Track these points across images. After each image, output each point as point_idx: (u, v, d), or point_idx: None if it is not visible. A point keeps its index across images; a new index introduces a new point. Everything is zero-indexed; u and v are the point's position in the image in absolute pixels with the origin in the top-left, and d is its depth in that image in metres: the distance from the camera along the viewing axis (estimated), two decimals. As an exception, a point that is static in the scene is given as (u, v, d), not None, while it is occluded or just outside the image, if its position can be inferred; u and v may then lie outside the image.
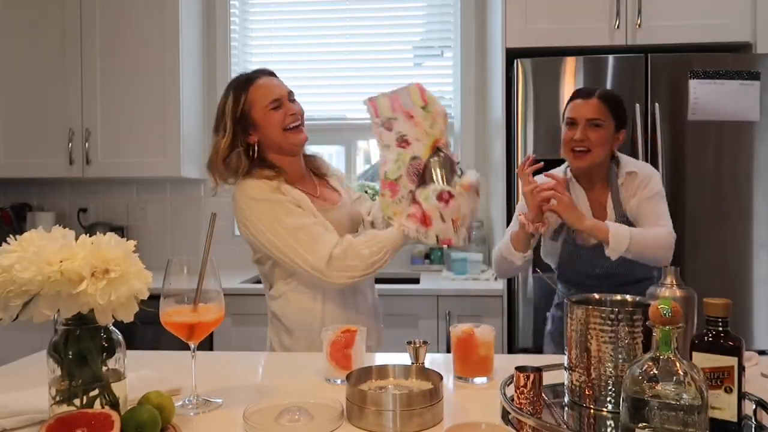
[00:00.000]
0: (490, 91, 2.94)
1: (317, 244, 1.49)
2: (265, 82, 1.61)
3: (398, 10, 3.35)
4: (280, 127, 1.58)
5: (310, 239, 1.50)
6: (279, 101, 1.59)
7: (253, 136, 1.60)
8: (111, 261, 0.88)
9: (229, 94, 1.62)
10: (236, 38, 3.36)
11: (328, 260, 1.48)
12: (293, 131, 1.60)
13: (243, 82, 1.61)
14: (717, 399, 0.92)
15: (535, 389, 1.01)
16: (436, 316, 2.57)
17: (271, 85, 1.61)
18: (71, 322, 0.91)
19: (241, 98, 1.59)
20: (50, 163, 2.97)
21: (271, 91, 1.59)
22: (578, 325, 1.05)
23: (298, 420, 0.99)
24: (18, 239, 0.89)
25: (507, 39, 2.52)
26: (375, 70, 3.36)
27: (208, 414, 1.08)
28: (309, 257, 1.48)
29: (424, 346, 1.28)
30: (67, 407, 0.90)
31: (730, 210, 2.33)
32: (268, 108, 1.58)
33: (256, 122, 1.59)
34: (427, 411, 1.00)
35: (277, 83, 1.63)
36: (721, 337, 0.94)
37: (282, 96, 1.60)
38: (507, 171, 2.53)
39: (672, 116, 2.35)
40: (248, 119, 1.59)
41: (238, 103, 1.58)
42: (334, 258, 1.48)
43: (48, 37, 2.95)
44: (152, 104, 2.93)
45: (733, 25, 2.45)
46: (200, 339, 1.12)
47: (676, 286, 1.06)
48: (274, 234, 1.51)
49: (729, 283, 2.36)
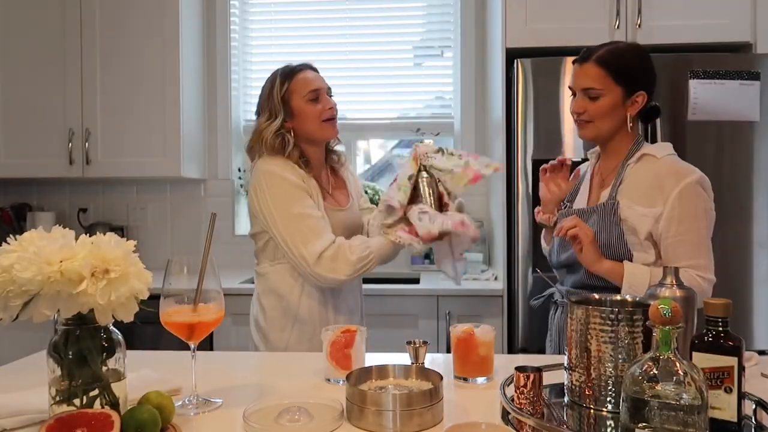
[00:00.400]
0: (490, 91, 2.94)
1: (315, 239, 1.57)
2: (307, 75, 1.71)
3: (398, 10, 3.36)
4: (318, 119, 1.68)
5: (311, 231, 1.57)
6: (317, 92, 1.69)
7: (288, 123, 1.69)
8: (111, 261, 0.88)
9: (274, 81, 1.71)
10: (236, 38, 3.36)
11: (319, 257, 1.55)
12: (328, 123, 1.70)
13: (288, 72, 1.71)
14: (717, 399, 0.92)
15: (535, 389, 1.01)
16: (436, 316, 2.57)
17: (312, 77, 1.71)
18: (71, 322, 0.91)
19: (284, 86, 1.69)
20: (50, 163, 2.97)
21: (312, 82, 1.70)
22: (578, 325, 1.05)
23: (298, 420, 0.99)
24: (18, 239, 0.89)
25: (507, 39, 2.51)
26: (375, 70, 3.36)
27: (208, 414, 1.08)
28: (303, 248, 1.56)
29: (424, 346, 1.28)
30: (67, 407, 0.90)
31: (730, 210, 2.33)
32: (306, 98, 1.68)
33: (294, 111, 1.68)
34: (427, 411, 1.00)
35: (318, 77, 1.73)
36: (721, 337, 0.94)
37: (321, 89, 1.70)
38: (507, 171, 2.53)
39: (672, 116, 2.35)
40: (288, 107, 1.69)
41: (281, 90, 1.69)
42: (324, 257, 1.56)
43: (48, 37, 2.95)
44: (152, 104, 2.93)
45: (733, 25, 2.45)
46: (200, 339, 1.12)
47: (676, 286, 1.06)
48: (279, 213, 1.59)
49: (729, 283, 2.35)
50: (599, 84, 1.48)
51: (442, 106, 3.36)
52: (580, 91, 1.51)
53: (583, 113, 1.51)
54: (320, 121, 1.69)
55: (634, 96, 1.50)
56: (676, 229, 1.42)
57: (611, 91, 1.48)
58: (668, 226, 1.43)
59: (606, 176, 1.59)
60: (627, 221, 1.46)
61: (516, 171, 2.43)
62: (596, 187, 1.61)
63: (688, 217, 1.43)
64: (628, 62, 1.50)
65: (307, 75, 1.71)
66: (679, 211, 1.42)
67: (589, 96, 1.49)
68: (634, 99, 1.50)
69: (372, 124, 3.36)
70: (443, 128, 3.26)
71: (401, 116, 3.36)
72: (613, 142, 1.56)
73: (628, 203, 1.47)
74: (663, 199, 1.44)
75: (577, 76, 1.52)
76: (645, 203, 1.45)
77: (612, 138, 1.55)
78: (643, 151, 1.52)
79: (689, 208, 1.43)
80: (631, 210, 1.46)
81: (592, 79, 1.48)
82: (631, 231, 1.46)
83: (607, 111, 1.49)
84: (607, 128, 1.52)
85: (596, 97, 1.49)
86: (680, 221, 1.42)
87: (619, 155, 1.55)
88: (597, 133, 1.53)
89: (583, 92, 1.50)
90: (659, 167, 1.48)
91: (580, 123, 1.54)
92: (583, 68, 1.50)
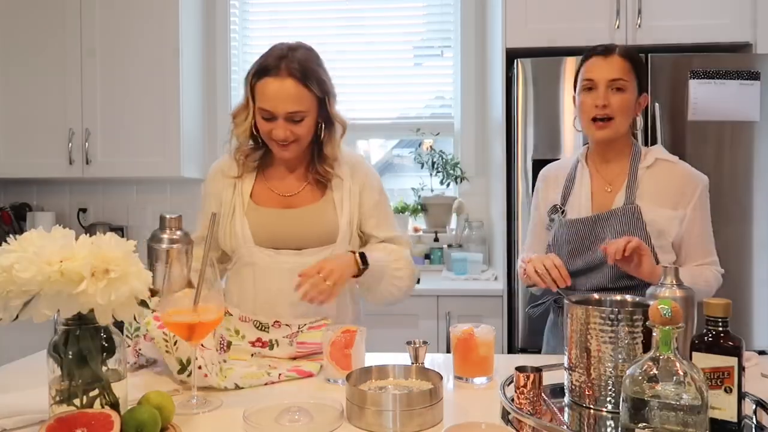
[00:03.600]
0: (490, 91, 2.94)
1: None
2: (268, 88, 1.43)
3: (398, 10, 3.36)
4: (267, 135, 1.48)
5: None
6: (271, 114, 1.44)
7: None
8: (111, 261, 0.88)
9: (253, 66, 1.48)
10: (236, 38, 3.36)
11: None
12: (275, 144, 1.48)
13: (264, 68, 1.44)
14: (717, 399, 0.92)
15: (535, 389, 1.01)
16: (436, 316, 2.57)
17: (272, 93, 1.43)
18: (71, 322, 0.91)
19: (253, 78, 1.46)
20: (50, 163, 2.97)
21: (268, 100, 1.43)
22: (578, 325, 1.05)
23: (298, 420, 0.99)
24: (18, 239, 0.89)
25: (507, 39, 2.52)
26: (375, 70, 3.36)
27: (208, 414, 1.08)
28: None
29: (424, 346, 1.28)
30: (67, 407, 0.90)
31: (730, 210, 2.33)
32: (258, 110, 1.46)
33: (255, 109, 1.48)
34: (427, 411, 1.00)
35: (280, 95, 1.42)
36: (721, 337, 0.94)
37: (278, 114, 1.43)
38: (507, 171, 2.53)
39: (672, 116, 2.35)
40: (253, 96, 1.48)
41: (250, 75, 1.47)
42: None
43: (48, 37, 2.94)
44: (152, 104, 2.93)
45: (733, 25, 2.45)
46: (200, 339, 1.12)
47: (676, 286, 1.06)
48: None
49: (729, 283, 2.34)
50: (626, 76, 1.47)
51: (442, 106, 3.36)
52: (605, 83, 1.46)
53: (607, 107, 1.46)
54: (269, 138, 1.48)
55: (640, 97, 1.52)
56: (698, 230, 1.50)
57: (632, 86, 1.48)
58: (691, 228, 1.50)
59: (612, 180, 1.56)
60: (653, 224, 1.47)
61: (516, 171, 2.43)
62: (601, 191, 1.57)
63: (705, 217, 1.52)
64: (641, 60, 1.52)
65: (268, 88, 1.43)
66: (700, 212, 1.51)
67: (616, 87, 1.46)
68: (640, 100, 1.52)
69: (372, 124, 3.36)
70: (443, 128, 3.26)
71: (401, 116, 3.36)
72: (618, 144, 1.54)
73: (651, 207, 1.48)
74: (686, 202, 1.50)
75: (602, 68, 1.48)
76: (670, 206, 1.49)
77: (618, 140, 1.53)
78: (655, 155, 1.54)
79: (706, 209, 1.53)
80: (655, 213, 1.48)
81: (621, 70, 1.46)
82: (657, 234, 1.48)
83: (629, 106, 1.48)
84: (624, 127, 1.50)
85: (622, 89, 1.46)
86: (701, 222, 1.51)
87: (622, 158, 1.55)
88: (616, 133, 1.49)
89: (609, 84, 1.46)
90: (681, 172, 1.53)
91: (600, 121, 1.48)
92: (609, 60, 1.48)
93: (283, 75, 1.42)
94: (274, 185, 1.58)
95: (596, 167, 1.60)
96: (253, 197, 1.56)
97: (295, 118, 1.44)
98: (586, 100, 1.50)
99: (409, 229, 3.26)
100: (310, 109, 1.47)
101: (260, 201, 1.56)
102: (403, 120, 3.34)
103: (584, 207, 1.57)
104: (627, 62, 1.48)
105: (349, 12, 3.35)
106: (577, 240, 1.53)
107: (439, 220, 3.19)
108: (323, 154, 1.55)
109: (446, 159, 3.16)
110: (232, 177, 1.57)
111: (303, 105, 1.44)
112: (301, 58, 1.45)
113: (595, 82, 1.48)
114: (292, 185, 1.57)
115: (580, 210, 1.57)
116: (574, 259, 1.54)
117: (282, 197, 1.56)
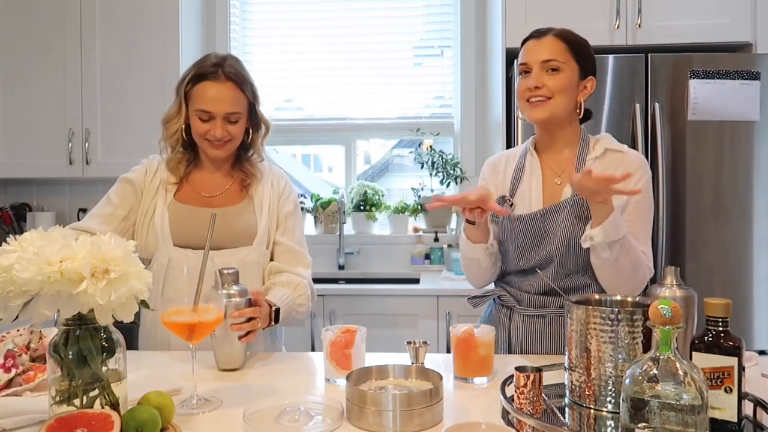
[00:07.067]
0: (490, 91, 2.94)
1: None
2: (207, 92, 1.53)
3: (398, 10, 3.36)
4: (202, 136, 1.57)
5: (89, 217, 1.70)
6: (209, 115, 1.54)
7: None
8: (111, 261, 0.88)
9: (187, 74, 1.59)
10: (236, 38, 3.36)
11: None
12: (210, 143, 1.57)
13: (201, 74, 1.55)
14: (717, 399, 0.92)
15: (535, 389, 1.01)
16: (436, 316, 2.57)
17: (212, 96, 1.53)
18: (71, 322, 0.91)
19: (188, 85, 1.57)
20: (50, 163, 2.97)
21: (207, 102, 1.53)
22: (578, 325, 1.05)
23: (298, 420, 1.00)
24: (18, 239, 0.89)
25: (507, 39, 2.52)
26: (375, 70, 3.36)
27: (208, 414, 1.08)
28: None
29: (424, 346, 1.28)
30: (67, 407, 0.90)
31: (730, 210, 2.33)
32: (196, 114, 1.55)
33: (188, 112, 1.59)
34: (427, 411, 1.00)
35: (220, 98, 1.53)
36: (721, 337, 0.94)
37: (217, 114, 1.53)
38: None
39: (672, 116, 2.35)
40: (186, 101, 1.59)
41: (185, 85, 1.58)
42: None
43: (48, 37, 2.95)
44: (152, 104, 2.92)
45: (733, 25, 2.45)
46: (200, 339, 1.12)
47: (676, 286, 1.06)
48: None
49: (729, 283, 2.36)
50: (561, 56, 1.45)
51: (442, 106, 3.36)
52: (538, 65, 1.45)
53: (541, 88, 1.44)
54: (203, 138, 1.57)
55: (585, 80, 1.49)
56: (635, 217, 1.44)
57: (570, 67, 1.45)
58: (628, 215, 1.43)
59: (561, 171, 1.51)
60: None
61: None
62: (551, 183, 1.52)
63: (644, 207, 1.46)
64: (583, 42, 1.49)
65: (208, 91, 1.53)
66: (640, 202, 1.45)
67: (550, 68, 1.45)
68: (585, 83, 1.49)
69: (372, 124, 3.36)
70: (443, 128, 3.26)
71: (401, 116, 3.36)
72: (563, 131, 1.51)
73: None
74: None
75: (534, 50, 1.47)
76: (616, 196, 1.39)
77: (562, 126, 1.50)
78: (605, 145, 1.50)
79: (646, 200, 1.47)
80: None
81: (554, 51, 1.45)
82: None
83: (566, 86, 1.45)
84: (561, 108, 1.46)
85: (557, 70, 1.44)
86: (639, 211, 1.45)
87: (568, 146, 1.50)
88: (551, 113, 1.45)
89: (542, 65, 1.45)
90: (629, 162, 1.47)
91: (534, 102, 1.46)
92: (542, 41, 1.47)
93: (222, 79, 1.54)
94: (198, 185, 1.64)
95: (544, 158, 1.55)
96: (177, 196, 1.63)
97: (231, 119, 1.56)
98: (522, 83, 1.48)
99: (409, 229, 3.27)
100: (244, 111, 1.59)
101: (183, 199, 1.62)
102: (403, 120, 3.34)
103: (535, 200, 1.52)
104: (561, 42, 1.45)
105: (349, 12, 3.35)
106: (527, 236, 1.50)
107: (439, 220, 3.19)
108: (249, 152, 1.68)
109: (446, 159, 3.16)
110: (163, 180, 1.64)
111: (239, 106, 1.57)
112: (235, 66, 1.58)
113: (529, 65, 1.47)
114: (216, 185, 1.65)
115: (531, 204, 1.52)
116: (524, 256, 1.50)
117: (204, 197, 1.63)
